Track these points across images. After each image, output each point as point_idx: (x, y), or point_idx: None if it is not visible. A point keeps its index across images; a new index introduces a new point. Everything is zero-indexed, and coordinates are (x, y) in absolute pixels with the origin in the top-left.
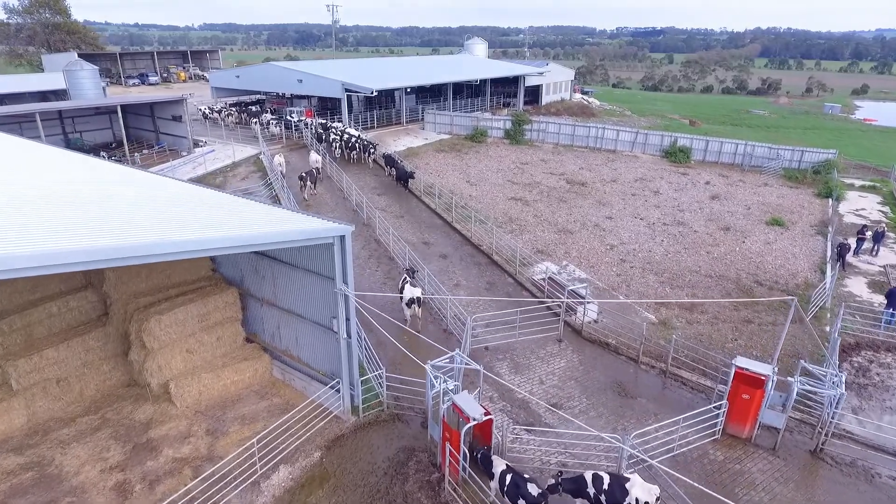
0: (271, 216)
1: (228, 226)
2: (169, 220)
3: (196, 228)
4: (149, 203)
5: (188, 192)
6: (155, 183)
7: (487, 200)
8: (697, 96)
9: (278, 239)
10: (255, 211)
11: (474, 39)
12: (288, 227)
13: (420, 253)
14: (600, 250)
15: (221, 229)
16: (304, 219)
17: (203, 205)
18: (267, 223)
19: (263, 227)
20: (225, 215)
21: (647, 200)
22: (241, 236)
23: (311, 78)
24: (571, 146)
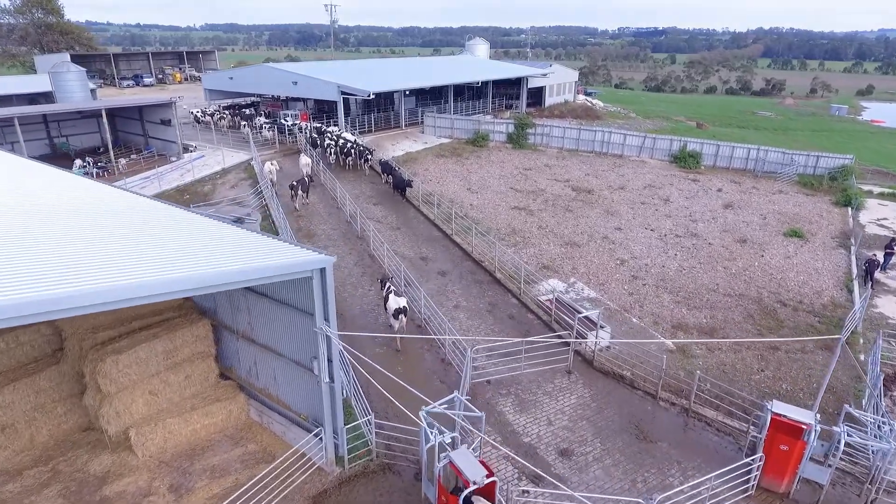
0: (241, 244)
1: (188, 259)
2: (119, 256)
3: (148, 265)
4: (100, 231)
5: (147, 215)
6: (112, 203)
7: (489, 210)
8: (701, 97)
9: (244, 277)
10: (223, 238)
11: (476, 40)
12: (256, 262)
13: (417, 269)
14: (610, 265)
15: (179, 265)
16: (281, 247)
17: (163, 232)
18: (234, 254)
19: (229, 259)
20: (186, 244)
21: (658, 209)
22: (195, 277)
23: (305, 80)
24: (577, 151)
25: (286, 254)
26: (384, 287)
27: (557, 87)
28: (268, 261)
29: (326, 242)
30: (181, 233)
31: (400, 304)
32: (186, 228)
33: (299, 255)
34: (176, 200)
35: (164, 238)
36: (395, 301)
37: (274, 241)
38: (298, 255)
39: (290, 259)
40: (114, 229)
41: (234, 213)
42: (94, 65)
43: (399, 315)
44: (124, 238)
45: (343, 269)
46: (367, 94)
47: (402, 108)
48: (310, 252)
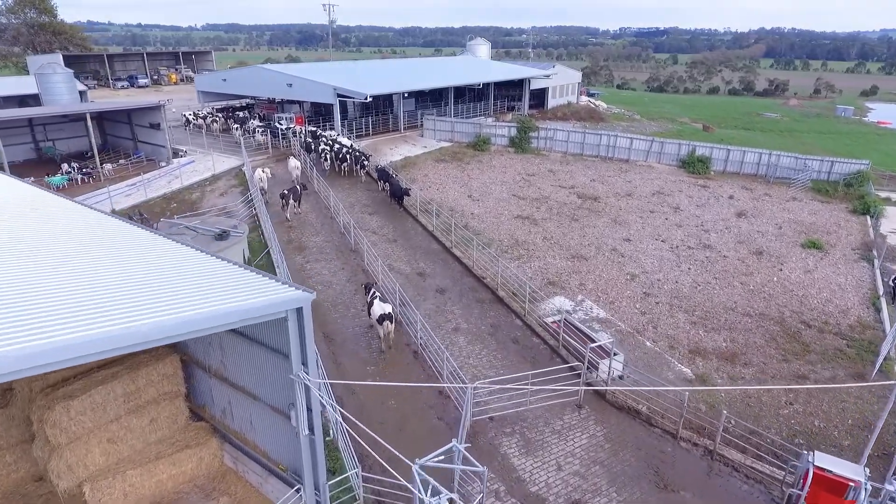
0: (202, 279)
1: (130, 303)
2: (66, 303)
3: (95, 315)
4: (33, 261)
5: (106, 243)
6: (59, 223)
7: (491, 219)
8: (704, 98)
9: (197, 327)
10: (182, 270)
11: (477, 40)
12: (215, 306)
13: (414, 287)
14: (620, 281)
15: (134, 310)
16: (250, 281)
17: (121, 266)
18: (192, 293)
19: (184, 300)
20: (132, 281)
21: (668, 218)
22: (145, 329)
23: (301, 82)
24: (581, 155)
25: (256, 290)
26: (368, 293)
27: (560, 88)
28: (230, 303)
29: (318, 256)
30: (129, 265)
31: (385, 311)
32: (136, 258)
33: (272, 291)
34: (162, 209)
35: (104, 275)
36: (379, 307)
37: (244, 274)
38: (271, 291)
39: (258, 300)
40: (46, 257)
41: (220, 225)
42: (88, 65)
43: (384, 321)
44: (53, 270)
45: (335, 286)
46: (364, 96)
47: (401, 111)
48: (284, 288)
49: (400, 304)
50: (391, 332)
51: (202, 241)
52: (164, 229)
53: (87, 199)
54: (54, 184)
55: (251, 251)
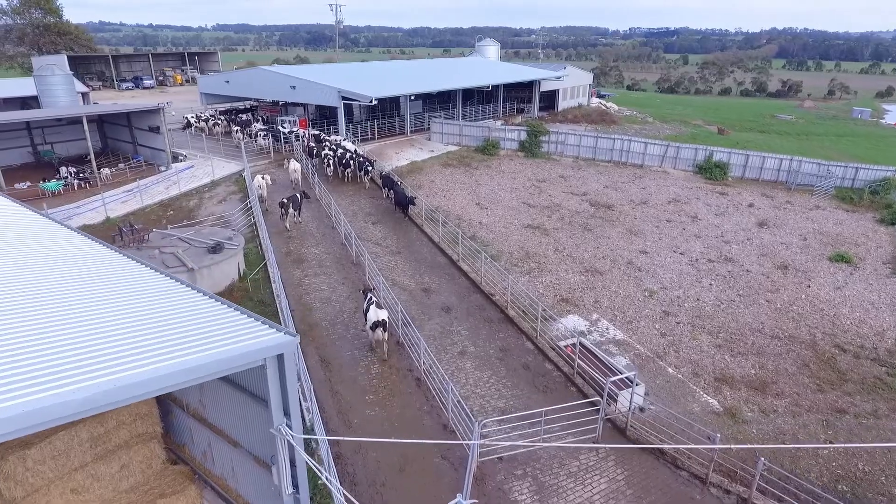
0: (172, 320)
1: (88, 357)
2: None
3: (31, 377)
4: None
5: (63, 274)
6: (25, 252)
7: (500, 229)
8: (716, 99)
9: (159, 385)
10: (152, 307)
11: (486, 41)
12: (179, 358)
13: (418, 304)
14: (637, 298)
15: (75, 369)
16: (226, 320)
17: (73, 305)
18: (162, 340)
19: (149, 350)
20: (94, 324)
21: (686, 229)
22: (104, 391)
23: (304, 84)
24: (594, 160)
25: (231, 332)
26: (366, 298)
27: (571, 90)
28: (197, 351)
29: (317, 269)
30: (83, 302)
31: (379, 317)
32: (94, 293)
33: (249, 334)
34: (158, 217)
35: (93, 312)
36: (374, 313)
37: (217, 310)
38: (248, 334)
39: (231, 348)
40: (23, 308)
41: (215, 236)
42: (93, 66)
43: (377, 328)
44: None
45: (334, 302)
46: (370, 99)
47: (408, 114)
48: (263, 330)
49: (402, 324)
50: (384, 340)
51: (195, 253)
52: (157, 240)
53: (82, 205)
54: (49, 189)
55: (248, 263)
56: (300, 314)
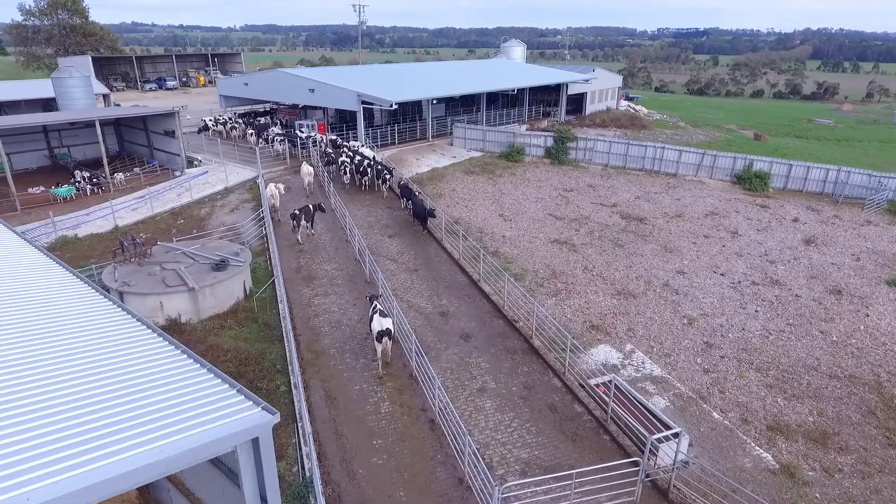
0: (132, 396)
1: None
2: None
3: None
4: None
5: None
6: None
7: (524, 244)
8: (749, 101)
9: (110, 490)
10: (111, 374)
11: (512, 41)
12: (132, 452)
13: (435, 329)
14: (675, 326)
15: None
16: (197, 390)
17: (18, 378)
18: (113, 425)
19: (95, 445)
20: (24, 407)
21: (726, 246)
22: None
23: (323, 87)
24: (624, 168)
25: (196, 413)
26: (371, 305)
27: (600, 93)
28: (153, 442)
29: (328, 288)
30: (29, 372)
31: (383, 327)
32: (42, 354)
33: (219, 412)
34: (168, 225)
35: (61, 374)
36: (378, 322)
37: (187, 373)
38: (219, 412)
39: (195, 436)
40: None
41: (221, 251)
42: (118, 67)
43: (382, 338)
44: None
45: (344, 327)
46: (390, 104)
47: (430, 118)
48: (237, 406)
49: (416, 354)
50: (388, 350)
51: (199, 270)
52: (160, 255)
53: (92, 212)
54: (60, 195)
55: (256, 280)
56: (307, 339)
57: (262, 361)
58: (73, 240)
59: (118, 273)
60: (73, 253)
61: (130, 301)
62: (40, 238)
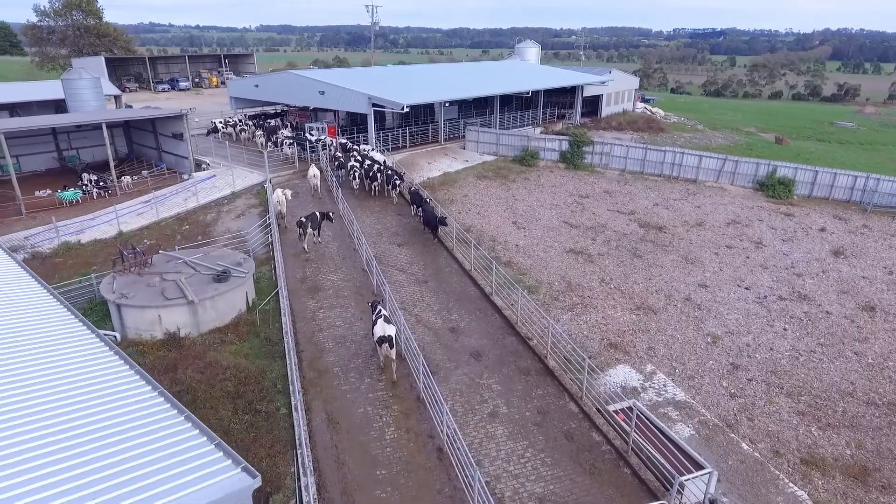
0: (94, 450)
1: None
2: None
3: None
4: None
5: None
6: None
7: (539, 254)
8: (767, 103)
9: None
10: (70, 426)
11: (526, 42)
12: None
13: (444, 347)
14: (698, 345)
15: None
16: (169, 441)
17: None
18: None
19: None
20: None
21: (750, 257)
22: None
23: (334, 90)
24: (642, 174)
25: (171, 476)
26: (374, 311)
27: (616, 95)
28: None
29: (334, 300)
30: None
31: (385, 333)
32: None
33: (197, 475)
34: (173, 231)
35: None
36: (381, 328)
37: (156, 425)
38: (195, 476)
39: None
40: None
41: (224, 260)
42: (131, 68)
43: (383, 344)
44: None
45: (349, 343)
46: (401, 107)
47: (442, 121)
48: (211, 465)
49: (423, 375)
50: (392, 357)
51: (200, 281)
52: (161, 264)
53: (97, 217)
54: (66, 199)
55: (259, 291)
56: (310, 356)
57: (263, 380)
58: (76, 246)
59: (116, 284)
60: (75, 259)
61: (128, 314)
62: (43, 244)
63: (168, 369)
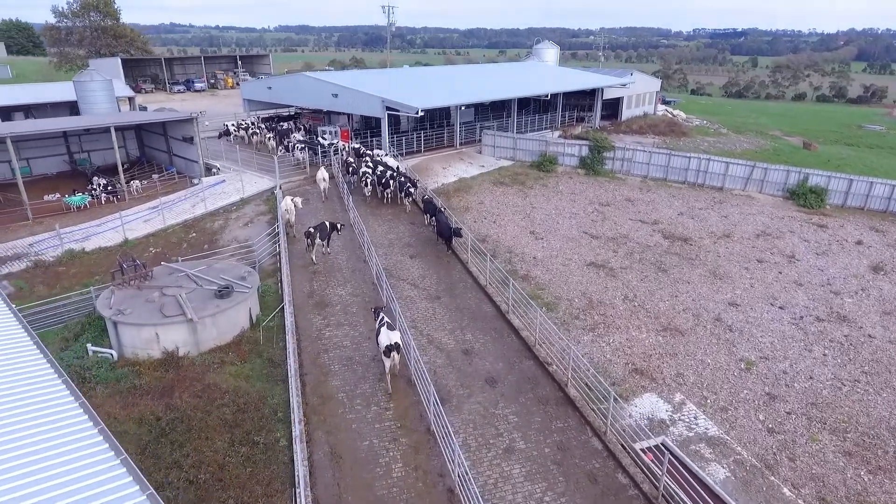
0: None
1: None
2: None
3: None
4: None
5: None
6: None
7: (558, 267)
8: (791, 105)
9: None
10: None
11: (544, 43)
12: None
13: (457, 372)
14: (731, 371)
15: None
16: None
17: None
18: None
19: None
20: None
21: (783, 272)
22: None
23: (347, 92)
24: (665, 180)
25: None
26: (377, 318)
27: (637, 97)
28: None
29: (342, 317)
30: None
31: (392, 341)
32: None
33: None
34: (180, 239)
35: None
36: (386, 336)
37: (91, 483)
38: None
39: None
40: None
41: (228, 274)
42: (148, 69)
43: (391, 352)
44: None
45: (356, 366)
46: (416, 111)
47: (458, 125)
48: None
49: (434, 405)
50: (397, 364)
51: (201, 297)
52: (162, 277)
53: (103, 223)
54: (73, 204)
55: (264, 305)
56: (314, 380)
57: (263, 407)
58: (80, 254)
59: (114, 299)
60: (78, 269)
61: (125, 331)
62: (47, 251)
63: (164, 393)
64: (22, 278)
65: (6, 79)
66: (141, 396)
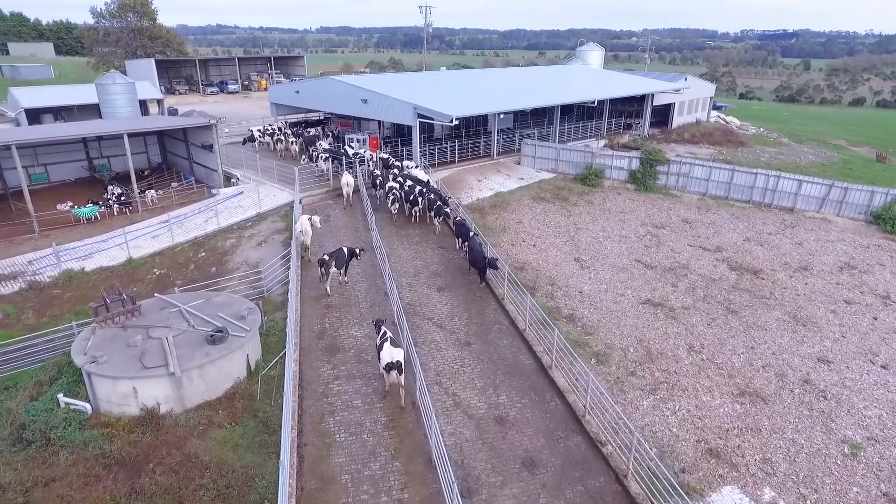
0: None
1: None
2: None
3: None
4: None
5: None
6: None
7: (608, 304)
8: (850, 111)
9: None
10: None
11: (588, 45)
12: None
13: (488, 448)
14: (833, 457)
15: None
16: None
17: None
18: None
19: None
20: None
21: (879, 317)
22: None
23: (377, 98)
24: (726, 199)
25: None
26: (379, 332)
27: (689, 103)
28: None
29: (353, 367)
30: None
31: (394, 358)
32: None
33: None
34: (187, 259)
35: None
36: (389, 353)
37: None
38: None
39: None
40: None
41: (226, 311)
42: (182, 70)
43: (391, 370)
44: None
45: (366, 436)
46: (450, 119)
47: (496, 130)
48: None
49: (458, 498)
50: (400, 383)
51: (191, 342)
52: (152, 313)
53: (109, 239)
54: (83, 216)
55: (268, 347)
56: (314, 453)
57: (249, 492)
58: (78, 274)
59: (93, 341)
60: (74, 292)
61: (98, 384)
62: (45, 270)
63: (135, 466)
64: (12, 302)
65: (48, 79)
66: (107, 470)
